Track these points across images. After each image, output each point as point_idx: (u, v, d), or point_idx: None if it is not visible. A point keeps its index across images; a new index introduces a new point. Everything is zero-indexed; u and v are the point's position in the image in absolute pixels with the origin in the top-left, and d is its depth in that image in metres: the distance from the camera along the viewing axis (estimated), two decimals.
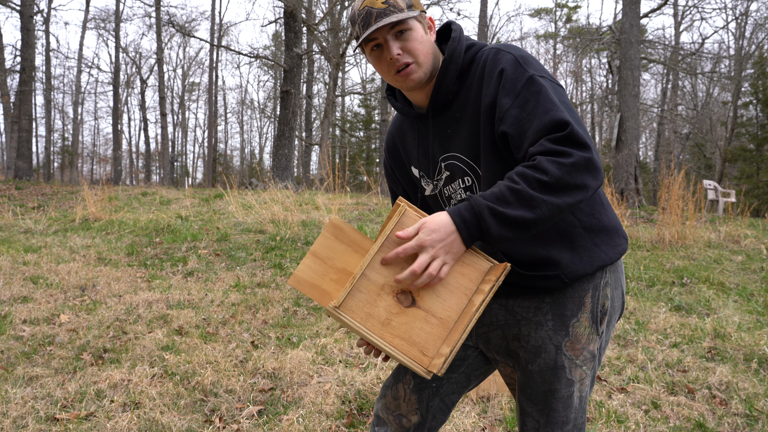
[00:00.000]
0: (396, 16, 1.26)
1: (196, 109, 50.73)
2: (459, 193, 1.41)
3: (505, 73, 1.25)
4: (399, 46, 1.29)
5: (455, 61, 1.34)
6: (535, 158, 1.15)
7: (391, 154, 1.58)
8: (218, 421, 2.69)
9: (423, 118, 1.41)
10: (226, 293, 4.87)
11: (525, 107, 1.21)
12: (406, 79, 1.32)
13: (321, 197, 9.15)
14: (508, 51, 1.29)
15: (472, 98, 1.32)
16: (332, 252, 1.52)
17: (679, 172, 7.52)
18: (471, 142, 1.33)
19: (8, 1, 17.41)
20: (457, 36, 1.36)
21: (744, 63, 24.33)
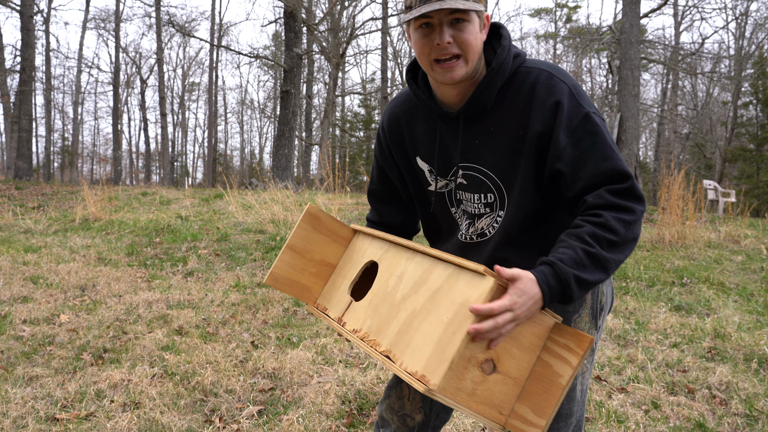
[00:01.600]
0: (461, 2, 1.15)
1: (196, 109, 50.76)
2: (478, 207, 1.36)
3: (562, 107, 1.21)
4: (451, 34, 1.18)
5: (502, 72, 1.26)
6: (600, 214, 1.16)
7: (393, 135, 1.46)
8: (218, 421, 2.69)
9: (448, 117, 1.32)
10: (226, 293, 4.87)
11: (579, 146, 1.20)
12: (447, 73, 1.21)
13: (321, 197, 9.15)
14: (562, 80, 1.24)
15: (515, 117, 1.26)
16: (310, 244, 1.49)
17: (679, 172, 7.52)
18: (504, 161, 1.29)
19: (8, 1, 17.41)
20: (507, 44, 1.27)
21: (744, 63, 24.34)
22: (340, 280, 1.53)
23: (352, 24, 19.16)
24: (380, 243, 1.46)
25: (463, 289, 1.16)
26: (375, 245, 1.47)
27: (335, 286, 1.53)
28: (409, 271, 1.32)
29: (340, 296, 1.50)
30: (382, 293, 1.36)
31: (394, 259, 1.38)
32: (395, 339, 1.25)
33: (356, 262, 1.51)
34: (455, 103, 1.31)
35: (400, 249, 1.38)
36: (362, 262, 1.48)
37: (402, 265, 1.35)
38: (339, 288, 1.52)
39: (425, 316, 1.21)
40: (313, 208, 1.46)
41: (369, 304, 1.39)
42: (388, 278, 1.37)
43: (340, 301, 1.49)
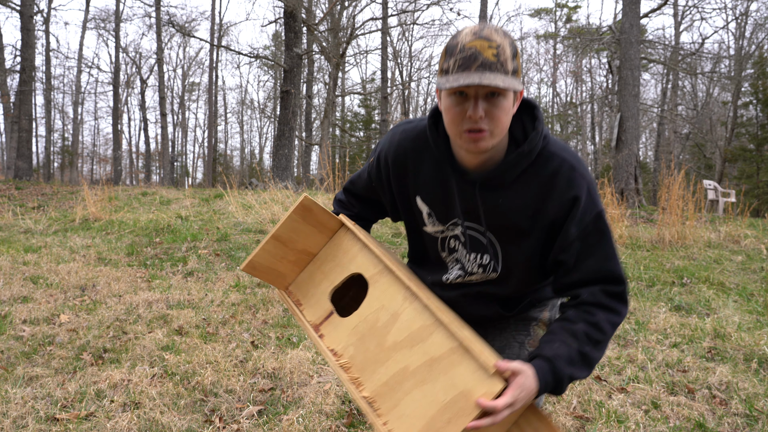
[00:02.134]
0: (501, 80, 1.13)
1: (196, 109, 50.76)
2: (471, 265, 1.39)
3: (579, 202, 1.25)
4: (485, 108, 1.17)
5: (530, 157, 1.27)
6: (594, 313, 1.25)
7: (396, 168, 1.43)
8: (218, 421, 2.69)
9: (462, 173, 1.32)
10: (226, 293, 4.87)
11: (587, 241, 1.27)
12: (474, 144, 1.21)
13: (321, 197, 9.15)
14: (582, 174, 1.27)
15: (529, 199, 1.28)
16: (296, 234, 1.46)
17: (679, 172, 7.52)
18: (508, 235, 1.32)
19: (8, 1, 17.41)
20: (540, 129, 1.28)
21: (744, 63, 24.34)
22: (319, 276, 1.49)
23: (352, 24, 19.16)
24: (373, 258, 1.40)
25: (465, 376, 1.16)
26: (366, 256, 1.41)
27: (313, 280, 1.49)
28: (405, 316, 1.30)
29: (318, 297, 1.46)
30: (371, 325, 1.34)
31: (388, 290, 1.35)
32: (381, 390, 1.25)
33: (341, 265, 1.45)
34: (472, 165, 1.31)
35: (396, 280, 1.34)
36: (349, 267, 1.44)
37: (398, 303, 1.32)
38: (318, 285, 1.47)
39: (419, 383, 1.21)
40: (308, 200, 1.42)
41: (354, 329, 1.35)
42: (379, 309, 1.34)
43: (318, 303, 1.45)
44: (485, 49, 1.13)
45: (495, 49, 1.14)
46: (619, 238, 7.17)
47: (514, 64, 1.17)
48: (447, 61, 1.18)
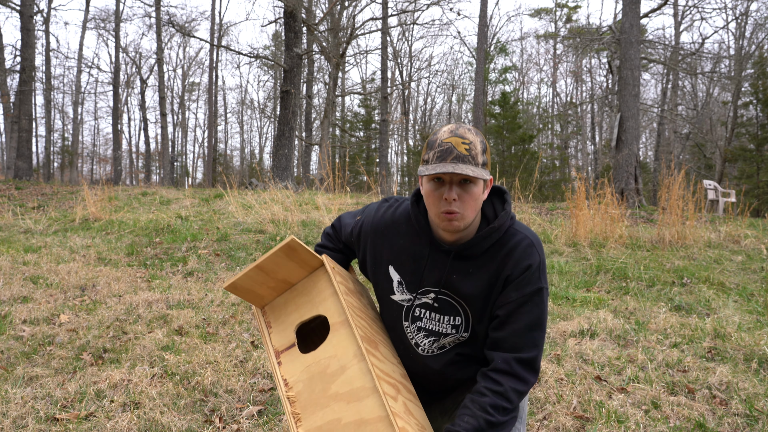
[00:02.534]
0: (471, 170, 1.38)
1: (196, 109, 50.74)
2: (444, 327, 1.56)
3: (529, 270, 1.47)
4: (458, 193, 1.41)
5: (499, 232, 1.50)
6: (501, 383, 1.43)
7: (375, 235, 1.63)
8: (218, 421, 2.69)
9: (437, 246, 1.53)
10: (226, 293, 4.87)
11: (522, 308, 1.46)
12: (449, 223, 1.43)
13: (321, 197, 9.15)
14: (537, 251, 1.50)
15: (493, 268, 1.49)
16: (278, 267, 1.56)
17: (679, 172, 7.52)
18: (477, 298, 1.51)
19: (8, 1, 17.41)
20: (509, 210, 1.53)
21: (744, 63, 24.33)
22: (292, 306, 1.60)
23: (352, 24, 19.16)
24: (339, 307, 1.53)
25: None
26: (334, 303, 1.54)
27: (287, 308, 1.61)
28: (350, 372, 1.44)
29: (286, 326, 1.58)
30: (321, 369, 1.48)
31: (344, 342, 1.48)
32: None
33: (313, 302, 1.58)
34: (447, 240, 1.53)
35: (352, 337, 1.48)
36: (318, 308, 1.56)
37: (348, 357, 1.46)
38: (289, 315, 1.59)
39: None
40: (294, 242, 1.52)
41: (307, 368, 1.50)
42: (332, 357, 1.48)
43: (285, 331, 1.57)
44: (459, 145, 1.39)
45: (467, 145, 1.40)
46: (619, 238, 7.18)
47: (483, 158, 1.42)
48: (428, 153, 1.43)
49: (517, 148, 27.63)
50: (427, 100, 40.41)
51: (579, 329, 4.08)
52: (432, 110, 40.82)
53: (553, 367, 3.35)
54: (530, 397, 2.98)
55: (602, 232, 7.31)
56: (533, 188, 10.17)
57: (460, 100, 39.47)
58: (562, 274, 5.84)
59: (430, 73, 37.55)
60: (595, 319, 4.25)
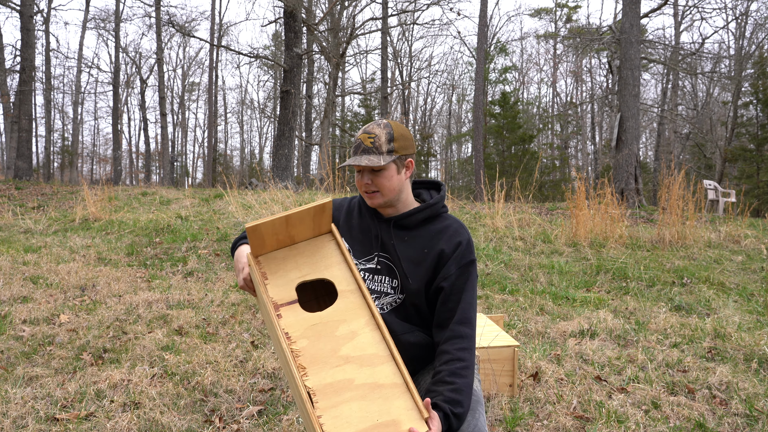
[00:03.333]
0: (373, 159, 1.67)
1: (196, 109, 50.71)
2: (386, 287, 1.76)
3: (461, 245, 1.73)
4: (370, 178, 1.71)
5: (429, 211, 1.78)
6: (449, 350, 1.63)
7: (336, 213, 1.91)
8: (218, 421, 2.69)
9: (380, 219, 1.80)
10: (226, 293, 4.87)
11: (461, 278, 1.71)
12: (370, 200, 1.74)
13: (321, 197, 9.15)
14: (466, 232, 1.78)
15: (426, 240, 1.75)
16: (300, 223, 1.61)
17: (679, 172, 7.52)
18: (412, 263, 1.73)
19: (8, 1, 17.41)
20: (441, 197, 1.82)
21: (744, 63, 24.33)
22: (291, 263, 1.63)
23: (352, 24, 19.15)
24: (349, 276, 1.62)
25: (401, 409, 1.42)
26: (343, 271, 1.62)
27: (285, 264, 1.64)
28: (362, 338, 1.51)
29: (285, 282, 1.60)
30: (329, 330, 1.52)
31: (354, 309, 1.56)
32: (324, 389, 1.42)
33: (315, 266, 1.63)
34: (385, 215, 1.81)
35: (364, 305, 1.57)
36: (323, 272, 1.62)
37: (359, 324, 1.54)
38: (288, 271, 1.62)
39: (359, 398, 1.42)
40: (329, 205, 1.61)
41: (313, 326, 1.53)
42: (340, 321, 1.54)
43: (284, 287, 1.59)
44: (365, 140, 1.69)
45: (372, 138, 1.69)
46: (619, 238, 7.18)
47: (389, 146, 1.69)
48: (349, 149, 1.68)
49: (517, 148, 27.62)
50: (427, 100, 40.41)
51: (579, 329, 4.08)
52: (432, 110, 40.83)
53: (553, 367, 3.35)
54: (530, 397, 2.98)
55: (602, 232, 7.31)
56: (533, 188, 10.18)
57: (460, 100, 39.47)
58: (562, 274, 5.84)
59: (430, 73, 37.55)
60: (595, 319, 4.25)
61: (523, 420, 2.75)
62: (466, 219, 8.57)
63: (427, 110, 40.22)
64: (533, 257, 6.54)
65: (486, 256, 6.48)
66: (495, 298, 5.01)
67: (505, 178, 10.71)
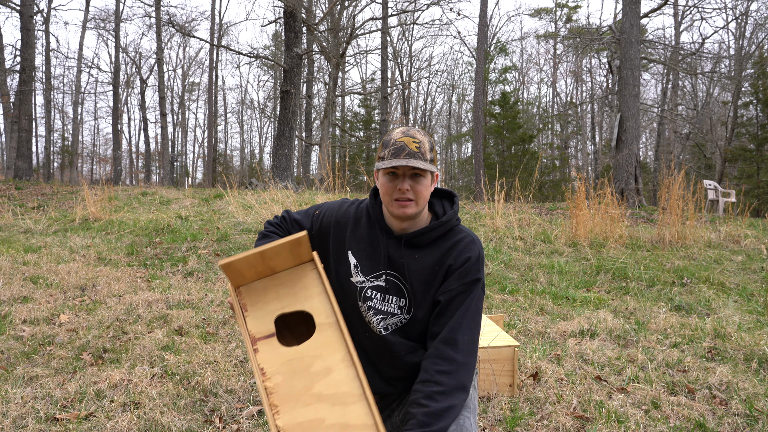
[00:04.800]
0: (421, 164, 1.60)
1: (196, 109, 50.71)
2: (393, 307, 1.72)
3: (469, 261, 1.67)
4: (410, 184, 1.63)
5: (445, 227, 1.71)
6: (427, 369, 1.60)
7: (337, 227, 1.81)
8: (218, 421, 2.69)
9: (390, 234, 1.73)
10: (226, 293, 4.87)
11: (460, 296, 1.65)
12: (402, 209, 1.65)
13: (321, 197, 9.15)
14: (478, 248, 1.71)
15: (438, 257, 1.69)
16: (276, 256, 1.58)
17: (679, 172, 7.52)
18: (422, 282, 1.69)
19: (8, 1, 17.41)
20: (456, 209, 1.76)
21: (744, 63, 24.33)
22: (272, 294, 1.61)
23: (352, 24, 19.15)
24: (329, 308, 1.58)
25: None
26: (323, 303, 1.59)
27: (266, 295, 1.62)
28: (337, 375, 1.49)
29: (264, 314, 1.58)
30: (304, 366, 1.51)
31: (331, 344, 1.53)
32: (294, 428, 1.42)
33: (296, 296, 1.61)
34: (397, 229, 1.73)
35: (341, 339, 1.53)
36: (303, 303, 1.59)
37: (335, 360, 1.51)
38: (268, 302, 1.60)
39: None
40: (304, 238, 1.56)
41: (288, 362, 1.51)
42: (316, 357, 1.52)
43: (263, 319, 1.58)
44: (410, 143, 1.62)
45: (417, 144, 1.63)
46: (619, 238, 7.18)
47: (431, 155, 1.65)
48: (383, 151, 1.65)
49: (517, 148, 27.62)
50: (427, 100, 40.42)
51: (579, 329, 4.08)
52: (432, 110, 40.84)
53: (553, 367, 3.35)
54: (530, 397, 2.98)
55: (602, 232, 7.31)
56: (533, 188, 10.18)
57: (460, 100, 39.48)
58: (562, 274, 5.84)
59: (430, 73, 37.55)
60: (595, 319, 4.25)
61: (523, 420, 2.75)
62: (466, 219, 8.57)
63: (427, 110, 40.24)
64: (533, 257, 6.54)
65: (486, 256, 6.49)
66: (495, 298, 5.01)
67: (505, 178, 10.71)
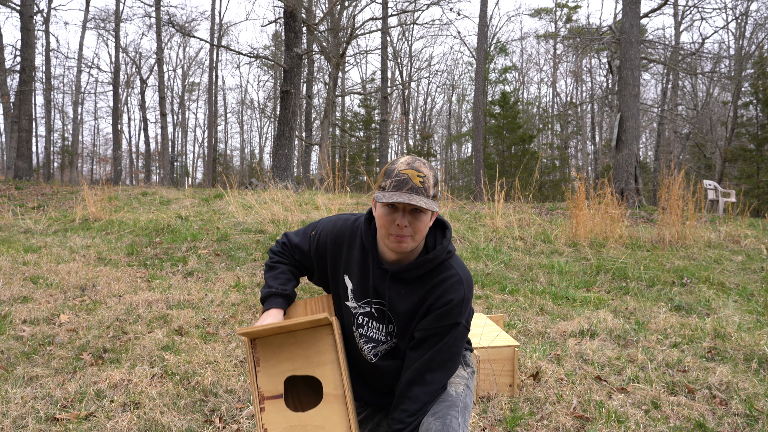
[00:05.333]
0: (423, 202, 1.53)
1: (196, 109, 50.70)
2: (380, 334, 1.71)
3: (450, 303, 1.62)
4: (409, 220, 1.56)
5: (433, 263, 1.65)
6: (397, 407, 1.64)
7: (334, 248, 1.77)
8: (218, 421, 2.69)
9: (379, 264, 1.68)
10: (226, 293, 4.87)
11: (434, 337, 1.63)
12: (398, 244, 1.59)
13: (321, 197, 9.15)
14: (465, 289, 1.64)
15: (422, 294, 1.65)
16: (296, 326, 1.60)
17: (679, 172, 7.52)
18: (405, 316, 1.67)
19: (8, 1, 17.41)
20: (446, 244, 1.68)
21: (744, 63, 24.32)
22: (286, 354, 1.61)
23: (352, 24, 19.15)
24: (338, 379, 1.58)
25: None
26: (334, 373, 1.59)
27: (280, 354, 1.61)
28: None
29: (275, 373, 1.59)
30: None
31: (335, 417, 1.54)
32: None
33: (309, 360, 1.61)
34: (389, 260, 1.68)
35: (345, 413, 1.54)
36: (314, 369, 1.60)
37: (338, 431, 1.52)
38: (281, 362, 1.61)
39: None
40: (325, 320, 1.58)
41: (291, 428, 1.55)
42: (318, 428, 1.54)
43: (273, 378, 1.59)
44: (414, 177, 1.54)
45: (422, 178, 1.55)
46: (619, 238, 7.17)
47: (434, 191, 1.59)
48: (385, 181, 1.58)
49: (517, 148, 27.62)
50: (427, 100, 40.41)
51: (579, 329, 4.08)
52: (432, 110, 40.83)
53: (553, 367, 3.35)
54: (530, 397, 2.98)
55: (602, 232, 7.30)
56: (533, 188, 10.18)
57: (460, 100, 39.47)
58: (562, 274, 5.84)
59: (430, 73, 37.55)
60: (595, 319, 4.25)
61: (523, 420, 2.75)
62: (466, 219, 8.57)
63: (427, 110, 40.23)
64: (533, 257, 6.54)
65: (486, 256, 6.49)
66: (495, 298, 5.01)
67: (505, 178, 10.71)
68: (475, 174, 18.23)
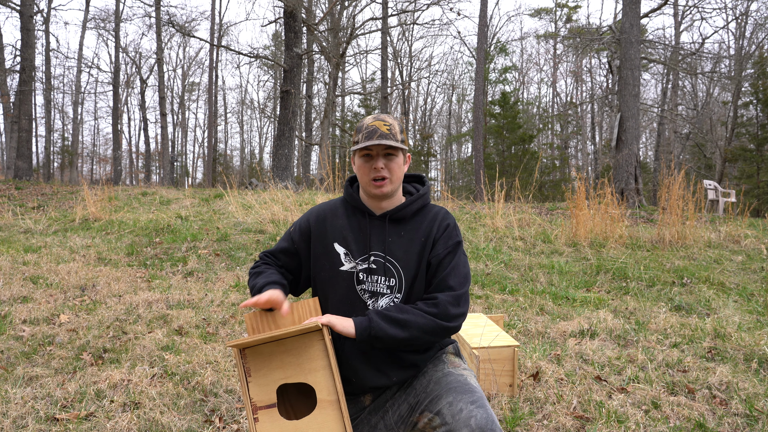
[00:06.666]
0: (393, 142, 1.75)
1: (196, 109, 50.71)
2: (382, 288, 1.80)
3: (449, 227, 1.84)
4: (384, 163, 1.77)
5: (421, 201, 1.87)
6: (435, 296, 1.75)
7: (318, 227, 1.89)
8: (218, 421, 2.69)
9: (371, 216, 1.84)
10: (226, 293, 4.87)
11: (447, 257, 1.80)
12: (379, 188, 1.78)
13: (321, 197, 9.15)
14: (452, 217, 1.89)
15: (423, 230, 1.82)
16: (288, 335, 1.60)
17: (679, 172, 7.52)
18: (409, 258, 1.80)
19: (8, 1, 17.41)
20: (427, 187, 1.93)
21: (744, 63, 24.32)
22: (277, 362, 1.60)
23: (352, 24, 19.15)
24: (332, 385, 1.59)
25: None
26: (327, 378, 1.59)
27: (270, 362, 1.61)
28: None
29: (268, 382, 1.59)
30: None
31: (330, 423, 1.55)
32: None
33: (300, 367, 1.60)
34: (377, 209, 1.85)
35: (340, 419, 1.55)
36: (306, 376, 1.59)
37: None
38: (272, 370, 1.60)
39: None
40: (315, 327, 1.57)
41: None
42: None
43: (265, 387, 1.58)
44: (381, 126, 1.77)
45: (388, 126, 1.78)
46: (619, 238, 7.17)
47: (401, 136, 1.81)
48: (357, 136, 1.81)
49: (517, 148, 27.62)
50: (427, 100, 40.41)
51: (579, 329, 4.08)
52: (432, 110, 40.83)
53: (553, 367, 3.35)
54: (530, 397, 2.98)
55: (602, 232, 7.31)
56: (533, 188, 10.18)
57: (460, 100, 39.47)
58: (562, 274, 5.84)
59: (430, 73, 37.54)
60: (595, 319, 4.25)
61: (523, 420, 2.75)
62: (466, 219, 8.57)
63: (427, 110, 40.23)
64: (533, 257, 6.54)
65: (486, 256, 6.48)
66: (495, 298, 5.01)
67: (505, 178, 10.71)
68: (475, 174, 18.23)
